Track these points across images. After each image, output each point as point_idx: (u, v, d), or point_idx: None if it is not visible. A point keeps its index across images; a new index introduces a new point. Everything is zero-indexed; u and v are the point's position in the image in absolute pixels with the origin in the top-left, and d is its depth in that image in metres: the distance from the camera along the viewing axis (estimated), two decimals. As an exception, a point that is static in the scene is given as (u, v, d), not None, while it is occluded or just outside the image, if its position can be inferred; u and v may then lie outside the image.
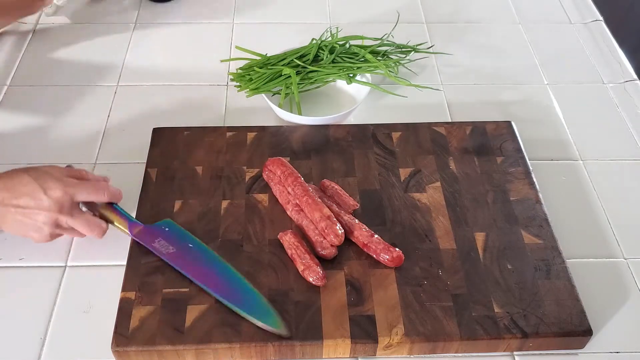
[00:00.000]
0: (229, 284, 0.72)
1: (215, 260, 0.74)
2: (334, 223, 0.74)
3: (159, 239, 0.75)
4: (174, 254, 0.74)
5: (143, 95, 1.00)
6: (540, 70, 1.08)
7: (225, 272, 0.73)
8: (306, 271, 0.72)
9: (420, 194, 0.82)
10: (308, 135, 0.89)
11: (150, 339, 0.67)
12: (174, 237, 0.76)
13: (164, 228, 0.77)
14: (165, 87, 1.01)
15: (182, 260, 0.73)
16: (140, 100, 0.99)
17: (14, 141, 0.92)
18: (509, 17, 1.19)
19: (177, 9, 1.17)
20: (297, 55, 0.97)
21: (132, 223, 0.76)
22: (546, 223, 0.79)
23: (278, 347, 0.68)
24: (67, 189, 0.72)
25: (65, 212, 0.72)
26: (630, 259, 0.80)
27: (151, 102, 0.98)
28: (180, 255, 0.74)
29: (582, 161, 0.92)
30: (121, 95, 0.99)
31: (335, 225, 0.74)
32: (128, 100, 0.99)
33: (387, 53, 1.02)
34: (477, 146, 0.88)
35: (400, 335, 0.68)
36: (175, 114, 0.96)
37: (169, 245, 0.74)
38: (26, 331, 0.71)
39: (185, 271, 0.72)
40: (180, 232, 0.76)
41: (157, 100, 0.99)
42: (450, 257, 0.75)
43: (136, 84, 1.01)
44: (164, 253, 0.74)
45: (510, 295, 0.72)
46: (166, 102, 0.99)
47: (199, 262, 0.74)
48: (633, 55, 1.14)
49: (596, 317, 0.73)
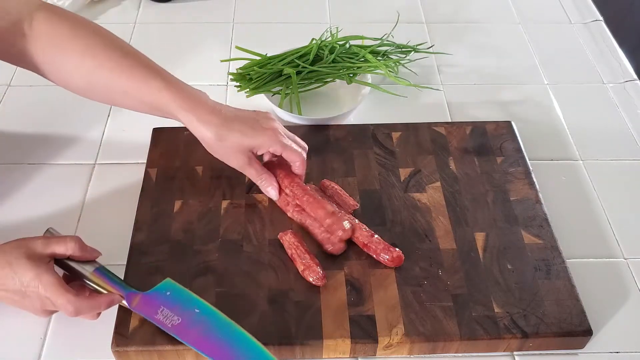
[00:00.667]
0: (242, 353, 0.66)
1: (225, 326, 0.67)
2: (339, 218, 0.74)
3: (162, 309, 0.68)
4: (180, 325, 0.67)
5: (143, 95, 1.00)
6: (540, 70, 1.08)
7: (237, 338, 0.67)
8: (306, 271, 0.72)
9: (420, 194, 0.82)
10: (308, 135, 0.89)
11: (150, 339, 0.67)
12: (177, 303, 0.68)
13: (165, 293, 0.69)
14: (165, 87, 1.01)
15: (190, 333, 0.66)
16: (140, 100, 0.99)
17: (14, 141, 0.92)
18: (509, 17, 1.19)
19: (177, 9, 1.17)
20: (297, 55, 0.97)
21: (129, 293, 0.68)
22: (546, 223, 0.79)
23: (278, 347, 0.67)
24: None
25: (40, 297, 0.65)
26: (630, 259, 0.80)
27: (151, 102, 0.98)
28: (187, 326, 0.67)
29: (582, 161, 0.92)
30: (121, 95, 0.99)
31: (342, 220, 0.74)
32: (128, 100, 0.99)
33: (387, 53, 1.02)
34: (477, 146, 0.88)
35: (400, 335, 0.68)
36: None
37: (174, 316, 0.67)
38: (26, 331, 0.71)
39: (195, 345, 0.66)
40: (183, 295, 0.69)
41: (157, 100, 0.99)
42: (450, 257, 0.75)
43: (136, 84, 1.01)
44: (169, 326, 0.67)
45: (510, 295, 0.72)
46: (166, 102, 0.99)
47: (207, 331, 0.67)
48: (633, 55, 1.14)
49: (596, 317, 0.73)
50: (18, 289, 0.64)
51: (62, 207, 0.83)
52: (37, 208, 0.83)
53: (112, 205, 0.84)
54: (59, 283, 0.64)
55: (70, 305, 0.64)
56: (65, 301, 0.64)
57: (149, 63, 0.77)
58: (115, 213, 0.82)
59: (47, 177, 0.87)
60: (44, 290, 0.64)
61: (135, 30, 1.12)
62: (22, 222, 0.82)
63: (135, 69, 0.75)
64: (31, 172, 0.87)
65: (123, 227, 0.79)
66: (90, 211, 0.83)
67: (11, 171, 0.87)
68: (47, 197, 0.84)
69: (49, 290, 0.64)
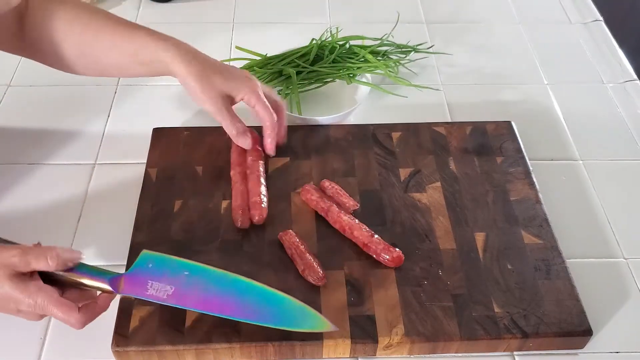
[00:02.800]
0: (248, 301, 0.64)
1: (220, 278, 0.66)
2: (263, 209, 0.78)
3: (150, 283, 0.64)
4: (175, 293, 0.64)
5: (143, 95, 1.00)
6: (540, 70, 1.08)
7: (237, 287, 0.65)
8: (306, 271, 0.72)
9: (420, 194, 0.82)
10: (308, 135, 0.89)
11: (150, 339, 0.67)
12: (163, 272, 0.65)
13: (147, 266, 0.66)
14: (165, 87, 1.01)
15: (189, 297, 0.64)
16: (140, 100, 0.99)
17: (14, 141, 0.92)
18: (509, 17, 1.19)
19: (177, 9, 1.17)
20: (297, 55, 0.97)
21: (111, 279, 0.64)
22: (546, 223, 0.79)
23: (278, 347, 0.67)
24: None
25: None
26: (630, 259, 0.80)
27: (151, 102, 0.99)
28: (182, 292, 0.64)
29: (582, 161, 0.92)
30: (121, 95, 0.99)
31: (260, 205, 0.78)
32: (128, 100, 0.99)
33: (387, 53, 1.02)
34: (477, 146, 0.88)
35: (400, 335, 0.68)
36: (175, 114, 0.96)
37: (165, 286, 0.64)
38: (26, 331, 0.71)
39: (198, 307, 0.64)
40: (166, 263, 0.66)
41: (157, 100, 0.99)
42: (450, 257, 0.75)
43: (136, 84, 1.01)
44: (165, 297, 0.63)
45: (510, 295, 0.72)
46: (166, 102, 0.99)
47: (205, 290, 0.65)
48: (633, 55, 1.14)
49: (596, 317, 0.73)
50: (13, 309, 0.61)
51: (62, 206, 0.83)
52: (37, 208, 0.83)
53: (112, 205, 0.84)
54: (56, 301, 0.61)
55: (78, 324, 0.62)
56: (74, 320, 0.61)
57: (132, 22, 0.81)
58: (115, 213, 0.82)
59: (47, 177, 0.87)
60: (41, 310, 0.61)
61: (135, 30, 1.12)
62: (23, 222, 0.82)
63: (119, 25, 0.80)
64: (31, 171, 0.87)
65: (123, 227, 0.79)
66: (91, 211, 0.83)
67: (11, 170, 0.87)
68: (48, 197, 0.84)
69: (48, 309, 0.60)
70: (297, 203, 0.80)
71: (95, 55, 0.80)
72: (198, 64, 0.78)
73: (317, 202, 0.78)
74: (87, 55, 0.80)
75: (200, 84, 0.77)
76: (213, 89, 0.78)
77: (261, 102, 0.80)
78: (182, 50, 0.78)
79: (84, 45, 0.79)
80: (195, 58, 0.78)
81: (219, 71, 0.79)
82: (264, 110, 0.80)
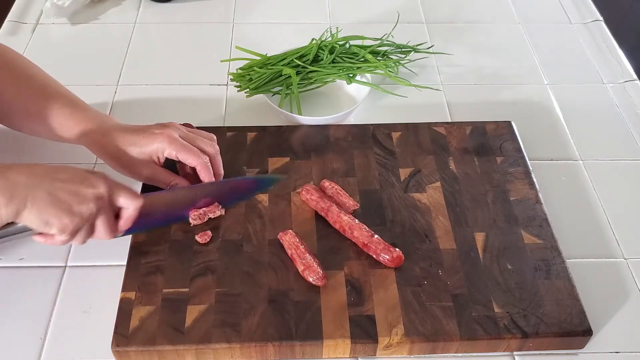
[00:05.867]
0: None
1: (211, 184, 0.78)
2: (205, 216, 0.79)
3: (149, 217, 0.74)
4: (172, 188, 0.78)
5: (143, 95, 1.00)
6: (540, 70, 1.08)
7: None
8: (306, 271, 0.72)
9: (420, 194, 0.82)
10: (308, 135, 0.89)
11: (150, 339, 0.67)
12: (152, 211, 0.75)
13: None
14: (165, 87, 1.01)
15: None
16: (140, 100, 0.99)
17: (14, 141, 0.92)
18: (509, 17, 1.19)
19: (177, 9, 1.17)
20: (297, 55, 0.97)
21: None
22: (546, 223, 0.79)
23: (278, 347, 0.68)
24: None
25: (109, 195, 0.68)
26: (630, 259, 0.80)
27: (151, 102, 0.99)
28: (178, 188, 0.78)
29: (582, 161, 0.92)
30: (121, 95, 0.99)
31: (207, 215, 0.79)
32: (128, 100, 0.99)
33: (387, 53, 1.02)
34: (477, 146, 0.88)
35: (400, 335, 0.68)
36: (175, 114, 0.96)
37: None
38: (26, 331, 0.71)
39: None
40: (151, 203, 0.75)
41: (157, 100, 0.99)
42: (450, 257, 0.75)
43: (136, 84, 1.01)
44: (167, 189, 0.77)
45: (510, 295, 0.72)
46: (166, 102, 0.99)
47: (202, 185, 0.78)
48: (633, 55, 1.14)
49: (596, 317, 0.73)
50: (81, 175, 0.67)
51: (62, 207, 0.83)
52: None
53: (112, 205, 0.83)
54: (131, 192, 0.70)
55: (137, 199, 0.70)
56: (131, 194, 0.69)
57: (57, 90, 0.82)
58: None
59: (47, 177, 0.87)
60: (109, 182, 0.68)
61: (135, 30, 1.12)
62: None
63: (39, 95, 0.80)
64: (31, 172, 0.87)
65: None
66: (90, 211, 0.83)
67: (11, 171, 0.87)
68: (47, 197, 0.84)
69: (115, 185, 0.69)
70: (297, 203, 0.80)
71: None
72: (108, 145, 0.78)
73: (317, 202, 0.78)
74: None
75: (121, 163, 0.78)
76: (131, 160, 0.78)
77: (182, 150, 0.77)
78: (95, 133, 0.79)
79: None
80: (106, 135, 0.78)
81: (130, 142, 0.77)
82: (189, 157, 0.77)
